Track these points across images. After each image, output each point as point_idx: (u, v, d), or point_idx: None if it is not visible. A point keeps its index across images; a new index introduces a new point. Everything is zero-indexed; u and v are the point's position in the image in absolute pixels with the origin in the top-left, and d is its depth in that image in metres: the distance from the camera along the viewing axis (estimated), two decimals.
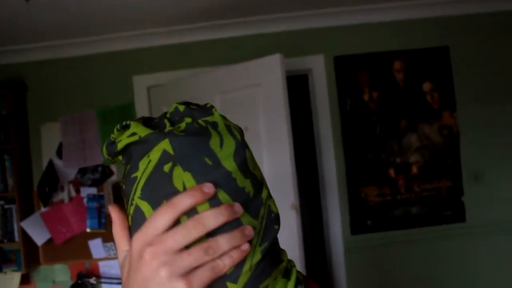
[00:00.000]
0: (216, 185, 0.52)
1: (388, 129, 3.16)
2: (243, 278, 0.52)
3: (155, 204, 0.52)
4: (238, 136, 0.57)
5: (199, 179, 0.52)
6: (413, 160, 3.16)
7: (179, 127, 0.55)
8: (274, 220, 0.57)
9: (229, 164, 0.53)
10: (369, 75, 3.16)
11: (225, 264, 0.50)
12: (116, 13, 2.86)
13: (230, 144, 0.55)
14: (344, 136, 3.17)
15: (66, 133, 3.27)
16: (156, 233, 0.49)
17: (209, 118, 0.56)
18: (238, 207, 0.52)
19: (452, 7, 3.08)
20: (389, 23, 3.13)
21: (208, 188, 0.51)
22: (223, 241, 0.50)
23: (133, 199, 0.54)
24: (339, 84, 3.16)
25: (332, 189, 3.18)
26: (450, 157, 3.14)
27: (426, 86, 3.14)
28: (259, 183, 0.57)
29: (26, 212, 3.16)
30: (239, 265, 0.52)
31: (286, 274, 0.59)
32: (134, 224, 0.55)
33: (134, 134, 0.55)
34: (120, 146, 0.57)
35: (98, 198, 3.22)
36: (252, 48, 3.13)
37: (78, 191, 3.25)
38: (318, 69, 3.16)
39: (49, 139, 3.28)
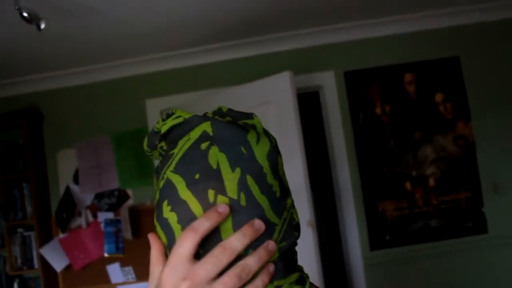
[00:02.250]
0: (247, 173, 0.54)
1: (402, 142, 3.13)
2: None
3: (188, 178, 0.54)
4: (274, 142, 0.60)
5: (233, 163, 0.54)
6: (430, 172, 3.12)
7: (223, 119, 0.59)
8: (295, 227, 0.59)
9: (262, 160, 0.56)
10: (380, 88, 3.15)
11: (258, 287, 0.53)
12: (127, 40, 2.92)
13: (265, 144, 0.58)
14: (358, 151, 3.15)
15: (82, 158, 3.32)
16: (183, 262, 0.51)
17: (249, 121, 0.60)
18: (259, 224, 0.54)
19: (460, 17, 3.07)
20: (398, 35, 3.14)
21: (223, 208, 0.52)
22: (252, 262, 0.52)
23: (164, 173, 0.56)
24: (351, 99, 3.15)
25: (348, 204, 3.15)
26: (467, 167, 3.09)
27: (439, 97, 3.12)
28: (285, 189, 0.59)
29: (44, 238, 3.19)
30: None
31: (301, 282, 0.60)
32: (162, 196, 0.56)
33: (179, 116, 0.59)
34: (164, 128, 0.60)
35: (115, 222, 3.24)
36: (263, 67, 3.15)
37: (95, 216, 3.28)
38: (329, 85, 3.17)
39: (65, 165, 3.33)
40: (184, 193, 0.54)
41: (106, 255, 3.20)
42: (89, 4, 2.31)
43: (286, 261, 0.57)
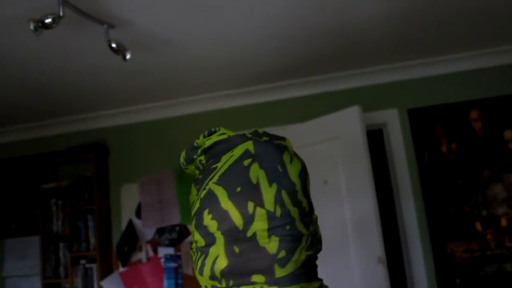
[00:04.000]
0: (282, 188, 0.61)
1: (471, 180, 3.04)
2: (289, 266, 0.60)
3: (229, 189, 0.60)
4: (303, 163, 0.68)
5: (270, 179, 0.61)
6: (501, 212, 3.00)
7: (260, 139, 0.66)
8: (318, 239, 0.66)
9: (295, 178, 0.64)
10: (445, 126, 3.11)
11: None
12: (192, 77, 3.03)
13: (297, 164, 0.66)
14: (424, 189, 3.07)
15: (145, 193, 3.36)
16: None
17: (282, 142, 0.68)
18: None
19: None
20: (461, 72, 3.13)
21: None
22: None
23: (207, 184, 0.63)
24: (415, 137, 3.12)
25: (415, 244, 3.04)
26: None
27: (508, 134, 3.05)
28: (311, 207, 0.67)
29: (105, 271, 3.19)
30: (290, 251, 0.60)
31: None
32: (203, 205, 0.62)
33: (223, 133, 0.67)
34: (209, 143, 0.67)
35: (175, 258, 3.22)
36: (326, 106, 3.18)
37: (155, 251, 3.27)
38: (393, 122, 3.16)
39: (128, 199, 3.38)
40: (226, 204, 0.60)
41: None
42: (166, 37, 2.43)
43: (309, 268, 0.63)
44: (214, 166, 0.64)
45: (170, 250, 3.25)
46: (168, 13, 2.18)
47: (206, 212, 0.61)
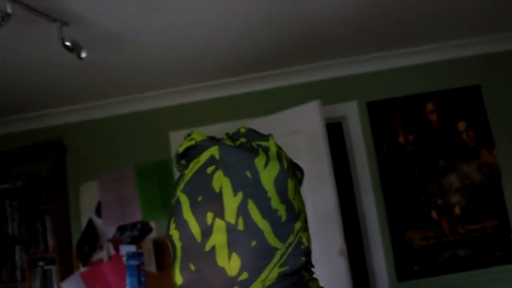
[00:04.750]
0: (249, 197, 0.56)
1: (427, 171, 3.14)
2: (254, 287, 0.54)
3: (192, 199, 0.57)
4: (286, 165, 0.60)
5: (236, 188, 0.56)
6: (455, 200, 3.11)
7: (233, 143, 0.61)
8: (302, 251, 0.59)
9: (268, 184, 0.57)
10: (403, 118, 3.19)
11: None
12: (152, 72, 2.97)
13: (274, 168, 0.59)
14: (383, 180, 3.15)
15: (105, 191, 3.29)
16: None
17: (263, 143, 0.62)
18: None
19: (480, 46, 3.16)
20: (419, 65, 3.21)
21: None
22: None
23: (176, 191, 0.60)
24: (374, 129, 3.19)
25: (374, 234, 3.12)
26: (493, 195, 3.09)
27: (461, 125, 3.16)
28: (295, 212, 0.59)
29: (65, 272, 3.12)
30: (255, 272, 0.54)
31: None
32: (171, 213, 0.61)
33: (192, 139, 0.63)
34: (180, 149, 0.63)
35: (137, 255, 3.18)
36: (286, 99, 3.19)
37: (117, 249, 3.22)
38: (352, 115, 3.21)
39: (87, 198, 3.30)
40: (187, 214, 0.57)
41: None
42: (123, 34, 2.37)
43: (287, 285, 0.57)
44: (184, 172, 0.61)
45: (132, 248, 3.20)
46: (124, 9, 2.12)
47: (172, 220, 0.59)
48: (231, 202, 0.55)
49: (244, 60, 2.99)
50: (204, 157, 0.59)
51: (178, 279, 0.57)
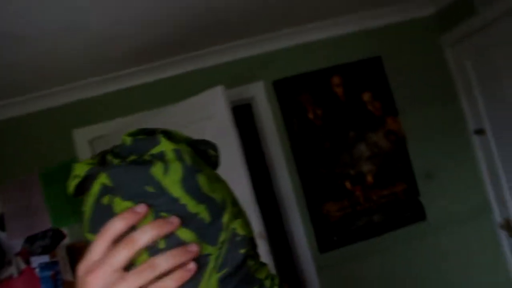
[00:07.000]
0: (160, 211, 0.51)
1: (338, 143, 3.21)
2: None
3: None
4: (189, 161, 0.54)
5: None
6: (367, 169, 3.22)
7: (123, 160, 0.55)
8: (239, 243, 0.55)
9: (176, 190, 0.52)
10: (310, 93, 3.21)
11: (167, 285, 0.49)
12: (47, 69, 2.75)
13: (176, 171, 0.53)
14: (296, 156, 3.18)
15: (8, 201, 3.05)
16: (94, 260, 0.50)
17: (156, 149, 0.54)
18: (174, 219, 0.51)
19: (379, 18, 3.24)
20: (322, 40, 3.23)
21: (141, 208, 0.50)
22: (161, 260, 0.49)
23: (85, 234, 0.55)
24: (283, 107, 3.19)
25: (293, 210, 3.16)
26: (401, 160, 3.23)
27: (366, 96, 3.24)
28: (218, 207, 0.55)
29: None
30: None
31: None
32: None
33: (76, 176, 0.56)
34: (70, 191, 0.57)
35: (51, 265, 3.00)
36: (193, 84, 3.10)
37: (28, 262, 3.01)
38: (260, 95, 3.19)
39: None
40: None
41: None
42: (15, 33, 2.14)
43: (236, 283, 0.54)
44: (83, 210, 0.55)
45: (45, 258, 3.01)
46: (14, 5, 1.90)
47: None
48: (143, 223, 0.50)
49: (145, 48, 2.83)
50: (95, 189, 0.53)
51: None
